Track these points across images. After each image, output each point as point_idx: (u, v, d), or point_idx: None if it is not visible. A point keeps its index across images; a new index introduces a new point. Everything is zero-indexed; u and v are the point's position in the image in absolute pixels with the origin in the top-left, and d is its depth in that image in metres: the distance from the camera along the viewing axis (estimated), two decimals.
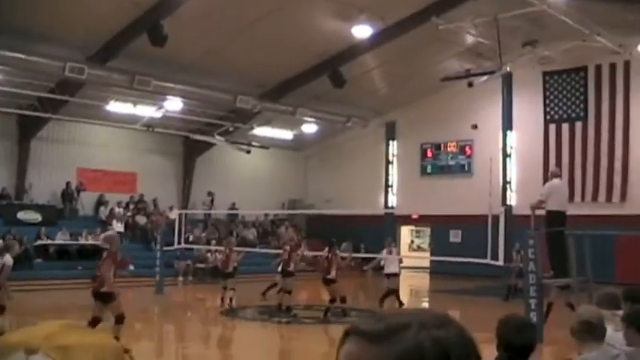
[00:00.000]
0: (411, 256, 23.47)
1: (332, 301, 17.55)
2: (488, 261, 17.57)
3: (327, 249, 19.02)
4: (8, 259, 14.75)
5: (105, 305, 11.78)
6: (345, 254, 21.08)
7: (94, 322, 11.43)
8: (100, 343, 1.25)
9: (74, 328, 1.28)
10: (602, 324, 4.41)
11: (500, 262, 17.26)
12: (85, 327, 1.36)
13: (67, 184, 28.53)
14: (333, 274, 17.55)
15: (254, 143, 31.48)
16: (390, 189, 35.59)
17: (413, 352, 1.19)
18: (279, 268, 19.16)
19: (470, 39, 25.85)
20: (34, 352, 1.14)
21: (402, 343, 1.20)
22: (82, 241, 26.36)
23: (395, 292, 19.56)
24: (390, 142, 35.68)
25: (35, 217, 26.92)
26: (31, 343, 1.15)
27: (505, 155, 31.22)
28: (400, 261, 21.95)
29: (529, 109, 30.23)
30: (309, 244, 28.47)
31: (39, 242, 25.18)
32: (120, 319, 11.75)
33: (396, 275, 20.25)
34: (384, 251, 20.19)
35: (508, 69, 25.78)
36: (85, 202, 29.37)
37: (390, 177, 35.67)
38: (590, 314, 4.39)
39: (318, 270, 19.83)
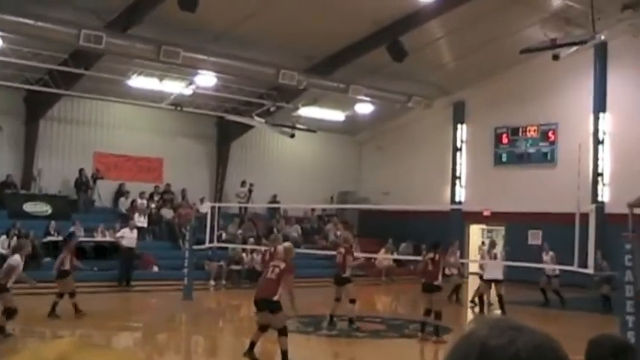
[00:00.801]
0: (480, 261, 23.23)
1: (429, 313, 17.05)
2: (575, 268, 17.30)
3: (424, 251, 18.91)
4: (14, 259, 15.28)
5: (272, 314, 12.93)
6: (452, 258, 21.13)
7: (263, 329, 13.12)
8: None
9: (86, 347, 1.24)
10: None
11: (590, 270, 16.97)
12: (96, 345, 1.32)
13: (81, 171, 28.84)
14: (440, 280, 17.22)
15: (299, 126, 31.51)
16: (457, 181, 35.32)
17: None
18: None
19: (556, 2, 25.49)
20: None
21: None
22: (98, 237, 26.64)
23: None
24: (459, 125, 35.39)
25: (44, 209, 27.31)
26: None
27: (597, 142, 30.72)
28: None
29: (627, 87, 29.68)
30: (360, 245, 28.39)
31: (48, 238, 25.49)
32: (284, 331, 12.91)
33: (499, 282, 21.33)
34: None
35: (602, 38, 25.36)
36: (103, 193, 29.69)
37: (457, 167, 35.39)
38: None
39: (417, 274, 19.69)
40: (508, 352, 1.30)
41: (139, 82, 27.01)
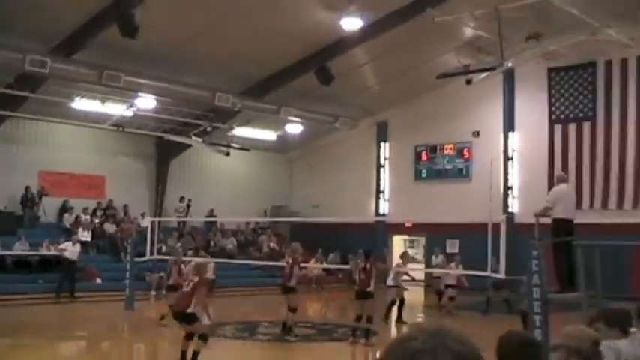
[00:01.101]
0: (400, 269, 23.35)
1: (360, 319, 17.02)
2: (488, 273, 17.63)
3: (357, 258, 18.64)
4: None
5: (189, 325, 13.11)
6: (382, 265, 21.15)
7: (189, 337, 13.18)
8: None
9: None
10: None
11: (502, 275, 17.29)
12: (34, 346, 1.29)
13: (27, 188, 28.25)
14: (372, 287, 17.03)
15: (234, 145, 31.36)
16: (381, 195, 35.56)
17: None
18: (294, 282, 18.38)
19: (469, 32, 25.88)
20: None
21: None
22: (43, 251, 26.12)
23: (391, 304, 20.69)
24: (382, 144, 35.65)
25: None
26: None
27: (506, 158, 31.25)
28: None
29: (533, 109, 30.27)
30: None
31: None
32: (203, 337, 13.06)
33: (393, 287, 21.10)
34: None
35: (510, 65, 25.84)
36: (48, 209, 29.09)
37: (381, 182, 35.64)
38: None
39: (347, 281, 19.64)
40: None
41: (82, 104, 26.56)
